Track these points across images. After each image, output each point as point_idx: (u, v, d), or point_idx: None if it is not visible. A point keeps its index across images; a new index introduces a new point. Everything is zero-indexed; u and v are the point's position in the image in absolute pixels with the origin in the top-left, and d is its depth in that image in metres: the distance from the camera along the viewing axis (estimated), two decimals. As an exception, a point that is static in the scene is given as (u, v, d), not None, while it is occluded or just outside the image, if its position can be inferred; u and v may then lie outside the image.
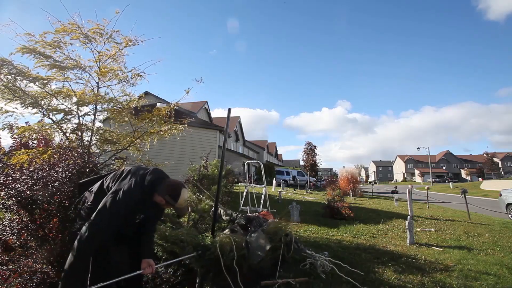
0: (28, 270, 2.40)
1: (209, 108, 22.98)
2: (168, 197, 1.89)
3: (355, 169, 18.44)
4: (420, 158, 75.09)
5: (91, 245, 1.67)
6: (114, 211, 1.73)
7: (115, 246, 2.03)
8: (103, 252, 1.90)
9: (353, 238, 5.38)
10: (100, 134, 3.99)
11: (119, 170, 2.06)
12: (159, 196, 1.90)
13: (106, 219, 1.71)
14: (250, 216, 3.62)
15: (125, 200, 1.77)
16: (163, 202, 1.92)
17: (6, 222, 2.49)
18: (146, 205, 1.95)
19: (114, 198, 1.77)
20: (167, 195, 1.89)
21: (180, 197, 1.91)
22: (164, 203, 1.93)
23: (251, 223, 3.41)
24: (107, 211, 1.73)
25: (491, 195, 20.04)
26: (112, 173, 2.09)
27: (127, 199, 1.78)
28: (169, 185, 1.92)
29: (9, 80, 3.25)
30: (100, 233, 1.70)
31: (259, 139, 46.87)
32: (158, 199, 1.92)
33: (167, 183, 1.93)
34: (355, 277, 3.21)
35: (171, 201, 1.89)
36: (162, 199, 1.90)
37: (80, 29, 3.61)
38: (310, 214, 7.91)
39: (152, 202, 1.94)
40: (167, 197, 1.89)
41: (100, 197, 1.86)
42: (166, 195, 1.89)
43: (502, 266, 3.90)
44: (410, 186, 10.07)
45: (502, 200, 10.13)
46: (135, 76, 4.11)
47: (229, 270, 2.60)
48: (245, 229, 3.32)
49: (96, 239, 1.69)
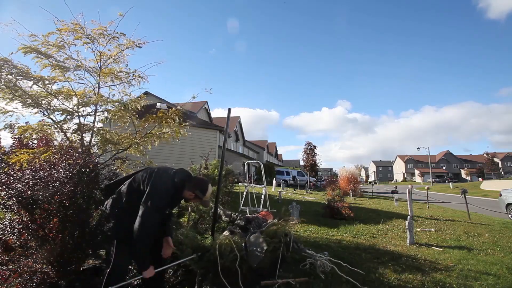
0: (28, 270, 2.41)
1: (209, 108, 22.96)
2: (198, 192, 2.21)
3: (356, 169, 18.38)
4: (420, 158, 75.06)
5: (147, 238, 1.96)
6: (157, 205, 2.00)
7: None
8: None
9: (353, 238, 5.38)
10: (101, 134, 3.99)
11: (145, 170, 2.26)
12: (189, 191, 2.21)
13: (152, 212, 1.96)
14: (249, 217, 3.62)
15: (164, 196, 2.06)
16: (192, 196, 2.23)
17: (6, 222, 2.49)
18: (176, 200, 2.29)
19: (154, 195, 2.01)
20: (197, 190, 2.20)
21: (207, 191, 2.24)
22: (193, 197, 2.24)
23: (250, 223, 3.42)
24: (152, 206, 1.97)
25: (491, 195, 20.04)
26: (138, 173, 2.28)
27: (165, 195, 2.07)
28: (197, 182, 2.24)
29: (10, 80, 3.25)
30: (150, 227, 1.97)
31: (259, 139, 46.87)
32: (187, 194, 2.22)
33: (195, 180, 2.25)
34: (355, 277, 3.21)
35: (200, 195, 2.22)
36: (192, 194, 2.21)
37: (83, 30, 3.61)
38: (310, 214, 7.91)
39: (180, 197, 2.25)
40: (197, 192, 2.21)
41: (133, 197, 2.09)
42: (196, 190, 2.20)
43: (502, 266, 3.90)
44: (410, 186, 10.06)
45: (502, 200, 10.13)
46: (136, 78, 4.11)
47: (229, 271, 2.60)
48: (245, 230, 3.32)
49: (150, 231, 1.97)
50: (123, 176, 2.52)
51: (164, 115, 4.22)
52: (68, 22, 3.56)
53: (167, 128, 4.28)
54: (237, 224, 3.51)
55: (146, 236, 1.96)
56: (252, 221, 3.46)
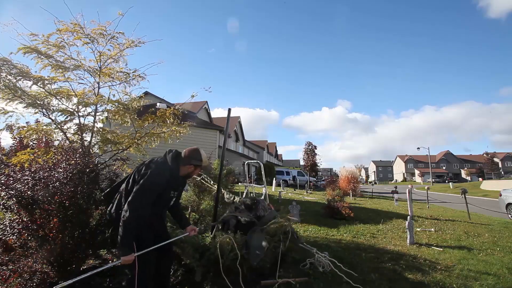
0: (28, 270, 2.41)
1: (209, 108, 22.94)
2: (194, 161, 2.18)
3: (356, 169, 18.35)
4: (420, 158, 75.04)
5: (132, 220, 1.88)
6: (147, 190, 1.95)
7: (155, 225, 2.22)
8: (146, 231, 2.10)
9: (353, 238, 5.38)
10: (101, 134, 3.99)
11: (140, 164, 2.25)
12: (185, 165, 2.18)
13: (141, 197, 1.92)
14: (256, 198, 3.57)
15: (155, 179, 1.98)
16: (191, 169, 2.20)
17: (6, 222, 2.48)
18: (176, 182, 2.20)
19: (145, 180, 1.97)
20: (192, 160, 2.18)
21: (202, 156, 2.21)
22: (193, 169, 2.21)
23: (256, 204, 3.37)
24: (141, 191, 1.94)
25: (491, 195, 20.04)
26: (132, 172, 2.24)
27: (157, 179, 1.99)
28: (188, 153, 2.20)
29: (9, 80, 3.25)
30: (138, 209, 1.91)
31: (259, 139, 46.86)
32: (185, 170, 2.19)
33: (185, 153, 2.20)
34: (355, 277, 3.21)
35: (197, 162, 2.19)
36: (190, 166, 2.19)
37: (82, 30, 3.61)
38: (310, 214, 7.91)
39: (180, 177, 2.21)
40: (193, 161, 2.18)
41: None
42: (191, 161, 2.17)
43: (502, 266, 3.90)
44: (410, 186, 10.06)
45: (502, 200, 10.13)
46: (136, 77, 4.11)
47: (229, 270, 2.60)
48: (249, 208, 3.29)
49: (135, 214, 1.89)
50: (123, 177, 2.52)
51: (163, 114, 4.21)
52: (67, 22, 3.56)
53: (166, 128, 4.28)
54: (243, 201, 3.45)
55: (132, 219, 1.88)
56: (258, 202, 3.41)
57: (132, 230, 1.91)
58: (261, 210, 3.29)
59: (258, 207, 3.34)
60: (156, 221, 2.23)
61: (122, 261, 1.85)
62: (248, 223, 3.08)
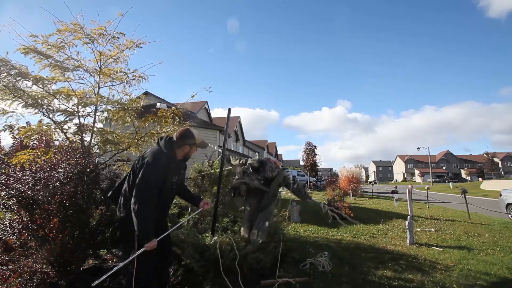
0: (28, 270, 2.41)
1: (209, 108, 22.93)
2: (187, 140, 2.23)
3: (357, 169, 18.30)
4: (420, 158, 75.04)
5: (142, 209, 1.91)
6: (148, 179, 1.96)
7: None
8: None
9: (353, 238, 5.38)
10: (102, 135, 3.99)
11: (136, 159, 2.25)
12: (181, 147, 2.22)
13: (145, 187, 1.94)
14: (263, 159, 3.54)
15: (153, 168, 2.00)
16: (187, 149, 2.26)
17: (6, 222, 2.49)
18: (176, 166, 2.22)
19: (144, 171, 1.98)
20: (186, 140, 2.22)
21: (194, 133, 2.28)
22: (188, 149, 2.26)
23: (263, 166, 3.31)
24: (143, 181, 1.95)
25: (491, 195, 20.03)
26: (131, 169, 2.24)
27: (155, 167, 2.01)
28: (179, 135, 2.24)
29: (9, 80, 3.25)
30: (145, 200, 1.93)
31: (259, 139, 46.83)
32: (181, 151, 2.23)
33: (176, 136, 2.24)
34: (355, 277, 3.21)
35: (191, 141, 2.25)
36: (185, 146, 2.24)
37: (83, 30, 3.61)
38: (310, 214, 7.91)
39: (179, 161, 2.24)
40: (187, 141, 2.23)
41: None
42: (185, 141, 2.22)
43: (502, 266, 3.90)
44: (410, 186, 10.04)
45: (502, 200, 10.12)
46: (136, 78, 4.12)
47: (229, 270, 2.60)
48: (257, 171, 3.24)
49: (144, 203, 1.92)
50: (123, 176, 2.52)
51: (163, 114, 4.22)
52: (67, 23, 3.56)
53: (167, 127, 4.28)
54: (251, 164, 3.38)
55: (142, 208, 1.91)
56: (266, 163, 3.35)
57: (146, 218, 1.94)
58: (268, 171, 3.23)
59: (265, 168, 3.27)
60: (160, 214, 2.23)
61: (147, 248, 1.92)
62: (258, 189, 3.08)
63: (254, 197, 3.06)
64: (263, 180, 3.17)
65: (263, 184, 3.15)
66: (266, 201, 3.07)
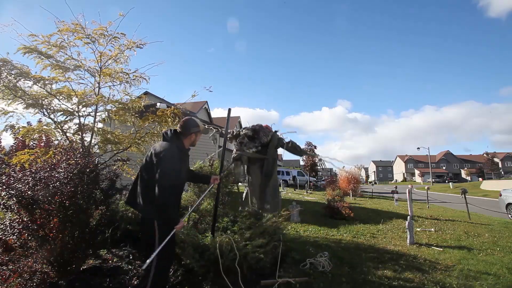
0: (28, 270, 2.41)
1: (209, 108, 22.94)
2: (193, 129, 2.34)
3: (357, 169, 18.30)
4: (420, 158, 75.00)
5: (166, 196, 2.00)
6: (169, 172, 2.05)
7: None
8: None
9: (353, 238, 5.38)
10: (102, 134, 3.99)
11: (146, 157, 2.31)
12: (187, 137, 2.34)
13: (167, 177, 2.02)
14: (256, 127, 3.61)
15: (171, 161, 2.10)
16: (193, 137, 2.38)
17: (6, 222, 2.49)
18: (185, 155, 2.37)
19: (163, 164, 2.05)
20: (191, 129, 2.33)
21: (197, 122, 2.39)
22: (194, 137, 2.39)
23: (257, 133, 3.47)
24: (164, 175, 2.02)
25: (491, 195, 20.03)
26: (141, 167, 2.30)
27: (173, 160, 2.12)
28: (183, 125, 2.34)
29: (10, 81, 3.25)
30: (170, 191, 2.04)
31: (259, 139, 46.79)
32: (188, 141, 2.35)
33: (181, 126, 2.33)
34: (355, 277, 3.21)
35: (196, 129, 2.36)
36: (191, 136, 2.36)
37: (83, 30, 3.61)
38: (310, 214, 7.91)
39: (186, 149, 2.37)
40: (192, 129, 2.33)
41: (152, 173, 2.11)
42: (190, 130, 2.32)
43: (502, 266, 3.90)
44: (410, 186, 10.05)
45: (502, 200, 10.12)
46: (137, 78, 4.12)
47: (229, 270, 2.60)
48: (253, 139, 3.41)
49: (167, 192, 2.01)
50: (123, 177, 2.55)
51: (163, 114, 4.22)
52: (68, 23, 3.57)
53: (167, 127, 4.29)
54: (246, 134, 3.51)
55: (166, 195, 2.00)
56: (259, 130, 3.50)
57: (171, 202, 2.07)
58: (263, 137, 3.41)
59: (259, 134, 3.46)
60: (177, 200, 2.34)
61: (177, 229, 2.06)
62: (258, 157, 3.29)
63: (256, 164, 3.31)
64: (260, 146, 3.35)
65: (260, 150, 3.35)
66: (267, 166, 3.31)
